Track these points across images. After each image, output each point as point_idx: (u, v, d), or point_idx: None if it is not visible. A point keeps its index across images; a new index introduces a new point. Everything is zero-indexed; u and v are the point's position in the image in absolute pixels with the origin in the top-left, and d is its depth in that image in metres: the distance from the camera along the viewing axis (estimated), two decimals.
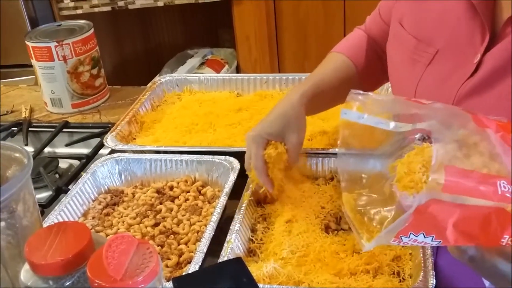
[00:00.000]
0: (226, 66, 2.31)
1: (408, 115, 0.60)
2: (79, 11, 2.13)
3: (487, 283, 0.59)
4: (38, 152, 1.15)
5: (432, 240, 0.53)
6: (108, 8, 2.15)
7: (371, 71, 0.96)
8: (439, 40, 0.78)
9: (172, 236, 0.86)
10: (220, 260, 0.75)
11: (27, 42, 1.28)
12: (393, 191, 0.58)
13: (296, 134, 0.86)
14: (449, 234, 0.52)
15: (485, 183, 0.51)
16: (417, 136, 0.59)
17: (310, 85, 0.90)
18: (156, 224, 0.89)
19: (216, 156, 0.97)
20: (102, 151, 1.13)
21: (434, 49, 0.78)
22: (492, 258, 0.54)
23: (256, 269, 0.76)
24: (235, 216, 0.83)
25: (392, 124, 0.60)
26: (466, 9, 0.73)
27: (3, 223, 0.58)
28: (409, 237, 0.53)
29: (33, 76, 1.72)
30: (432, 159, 0.51)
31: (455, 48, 0.76)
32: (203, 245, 0.78)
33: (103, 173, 0.99)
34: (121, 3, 2.14)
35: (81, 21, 1.35)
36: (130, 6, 2.15)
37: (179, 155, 0.99)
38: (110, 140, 1.04)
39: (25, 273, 0.55)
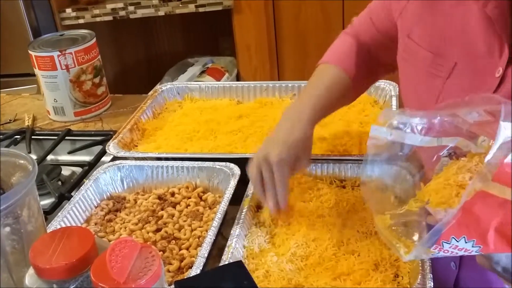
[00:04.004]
0: (226, 74, 2.33)
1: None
2: (81, 21, 2.15)
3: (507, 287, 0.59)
4: (41, 160, 1.16)
5: (473, 246, 0.53)
6: (110, 18, 2.17)
7: (360, 79, 0.95)
8: (456, 53, 0.76)
9: (173, 241, 0.87)
10: (221, 264, 0.76)
11: (30, 52, 1.29)
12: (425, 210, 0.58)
13: (308, 158, 0.88)
14: (489, 238, 0.52)
15: None
16: (444, 153, 0.60)
17: (315, 107, 0.88)
18: (158, 230, 0.90)
19: (216, 163, 0.98)
20: (104, 158, 1.15)
21: (451, 62, 0.76)
22: None
23: (256, 273, 0.77)
24: (236, 221, 0.84)
25: (419, 139, 0.61)
26: (483, 21, 0.72)
27: (8, 228, 0.60)
28: (450, 243, 0.53)
29: (35, 85, 1.74)
30: (494, 142, 0.52)
31: (473, 61, 0.74)
32: (204, 250, 0.79)
33: (106, 180, 1.00)
34: (122, 13, 2.16)
35: (83, 31, 1.37)
36: (132, 16, 2.17)
37: (181, 162, 1.01)
38: (112, 147, 1.05)
39: (29, 277, 0.56)
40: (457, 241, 0.53)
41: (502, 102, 0.55)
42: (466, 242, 0.53)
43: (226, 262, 0.76)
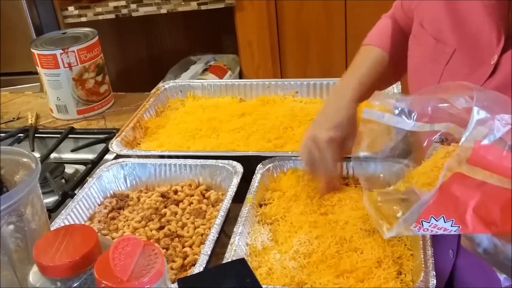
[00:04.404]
0: (229, 72, 2.33)
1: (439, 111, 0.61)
2: (83, 19, 2.15)
3: (501, 277, 0.60)
4: (44, 158, 1.16)
5: (452, 225, 0.54)
6: (112, 16, 2.17)
7: (399, 58, 0.97)
8: (456, 40, 0.79)
9: (176, 239, 0.87)
10: (224, 262, 0.76)
11: (32, 50, 1.30)
12: (412, 190, 0.59)
13: (354, 137, 0.87)
14: (468, 218, 0.53)
15: (510, 161, 0.51)
16: (435, 138, 0.61)
17: (358, 85, 0.91)
18: (161, 228, 0.90)
19: (219, 161, 0.99)
20: (107, 156, 1.15)
21: (451, 48, 0.79)
22: (505, 249, 0.55)
23: (259, 270, 0.77)
24: (239, 219, 0.85)
25: (411, 124, 0.62)
26: (482, 10, 0.75)
27: (12, 226, 0.60)
28: (429, 222, 0.54)
29: (38, 84, 1.75)
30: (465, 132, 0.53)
31: (471, 49, 0.77)
32: (207, 248, 0.80)
33: (109, 178, 1.00)
34: (124, 11, 2.16)
35: (86, 29, 1.37)
36: (134, 14, 2.17)
37: (183, 159, 1.01)
38: (115, 146, 1.05)
39: (33, 275, 0.56)
40: (436, 221, 0.54)
41: (475, 88, 0.56)
42: (445, 222, 0.54)
43: (229, 260, 0.76)
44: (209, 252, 0.79)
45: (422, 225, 0.54)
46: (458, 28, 0.79)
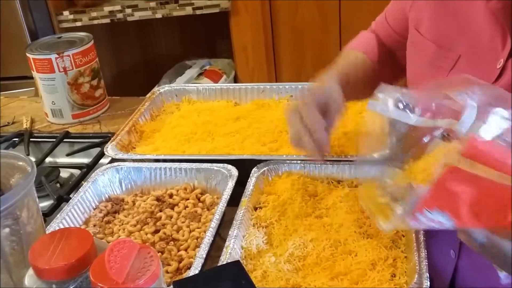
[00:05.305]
0: (224, 76, 2.34)
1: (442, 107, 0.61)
2: (78, 24, 2.16)
3: (501, 275, 0.60)
4: (39, 162, 1.16)
5: (447, 220, 0.54)
6: (107, 21, 2.17)
7: (385, 66, 0.97)
8: (461, 46, 0.79)
9: (172, 242, 0.88)
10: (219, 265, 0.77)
11: (28, 54, 1.30)
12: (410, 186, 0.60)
13: (338, 104, 0.83)
14: (462, 213, 0.53)
15: (505, 156, 0.51)
16: (437, 133, 0.61)
17: (339, 71, 0.89)
18: (156, 231, 0.90)
19: (214, 164, 0.99)
20: (102, 161, 1.15)
21: (456, 54, 0.79)
22: (501, 242, 0.56)
23: (254, 273, 0.78)
24: (234, 222, 0.85)
25: (414, 118, 0.62)
26: (487, 14, 0.74)
27: (7, 230, 0.60)
28: (425, 216, 0.54)
29: (33, 88, 1.75)
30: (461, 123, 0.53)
31: (476, 53, 0.77)
32: (203, 251, 0.80)
33: (104, 182, 1.00)
34: (119, 15, 2.17)
35: (81, 33, 1.37)
36: (129, 18, 2.18)
37: (178, 163, 1.01)
38: (110, 150, 1.06)
39: (29, 278, 0.57)
40: (431, 214, 0.54)
41: (475, 81, 0.56)
42: (440, 216, 0.54)
43: (224, 263, 0.77)
44: (204, 255, 0.79)
45: (418, 218, 0.55)
46: (462, 33, 0.78)
